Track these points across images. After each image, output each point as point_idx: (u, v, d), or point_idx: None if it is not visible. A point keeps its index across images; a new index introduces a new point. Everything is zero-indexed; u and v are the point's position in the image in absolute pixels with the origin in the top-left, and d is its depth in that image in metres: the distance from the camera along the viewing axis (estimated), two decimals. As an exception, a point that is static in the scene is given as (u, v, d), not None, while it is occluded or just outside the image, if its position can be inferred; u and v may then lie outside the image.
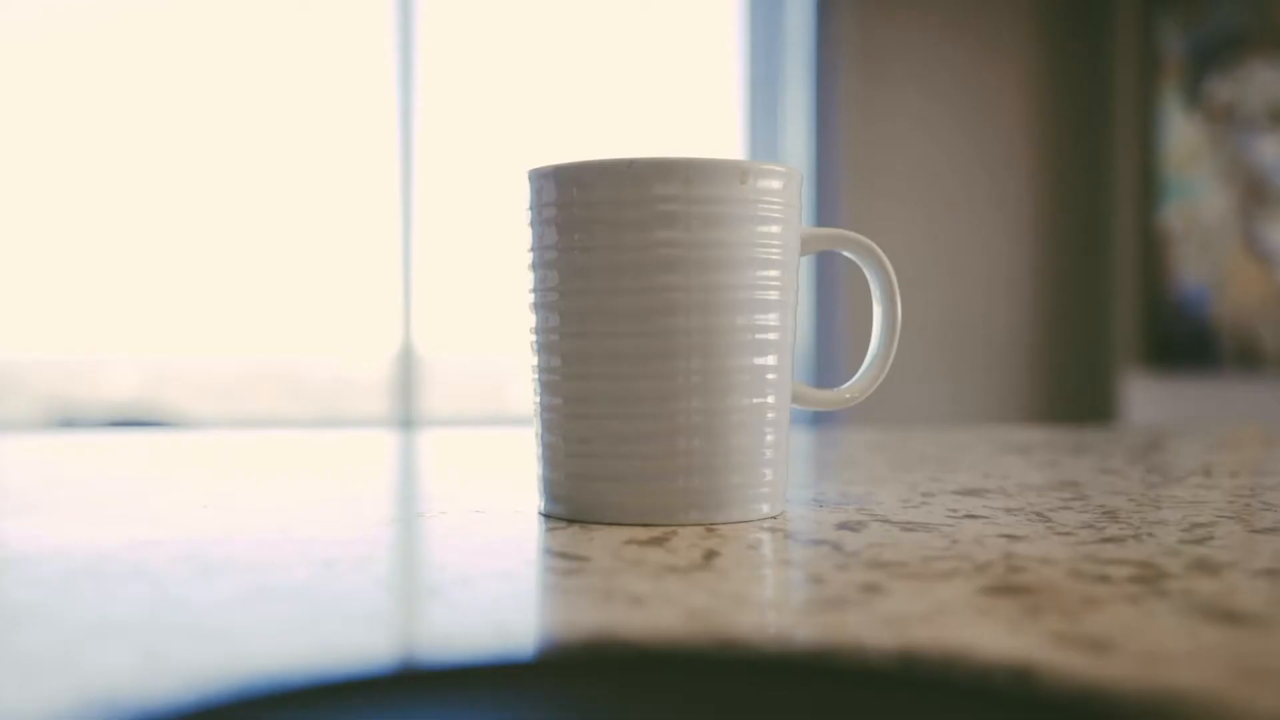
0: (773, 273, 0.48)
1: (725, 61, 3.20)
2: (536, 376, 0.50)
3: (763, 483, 0.49)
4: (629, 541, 0.43)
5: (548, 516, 0.49)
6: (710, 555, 0.41)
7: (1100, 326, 3.28)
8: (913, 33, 3.17)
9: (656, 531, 0.45)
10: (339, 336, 3.15)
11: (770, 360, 0.48)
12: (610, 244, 0.47)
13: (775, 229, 0.48)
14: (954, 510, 0.51)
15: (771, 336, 0.48)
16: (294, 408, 3.36)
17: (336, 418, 3.32)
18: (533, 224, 0.49)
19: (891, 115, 3.15)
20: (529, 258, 0.49)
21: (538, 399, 0.50)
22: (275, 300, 3.07)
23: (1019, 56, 3.26)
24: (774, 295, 0.48)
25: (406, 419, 3.04)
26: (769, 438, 0.49)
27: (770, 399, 0.49)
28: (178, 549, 0.42)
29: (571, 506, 0.48)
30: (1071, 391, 3.29)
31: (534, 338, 0.50)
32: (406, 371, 3.05)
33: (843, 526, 0.47)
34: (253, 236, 3.00)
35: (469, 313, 3.13)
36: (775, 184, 0.48)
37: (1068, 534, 0.45)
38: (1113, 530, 0.46)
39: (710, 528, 0.46)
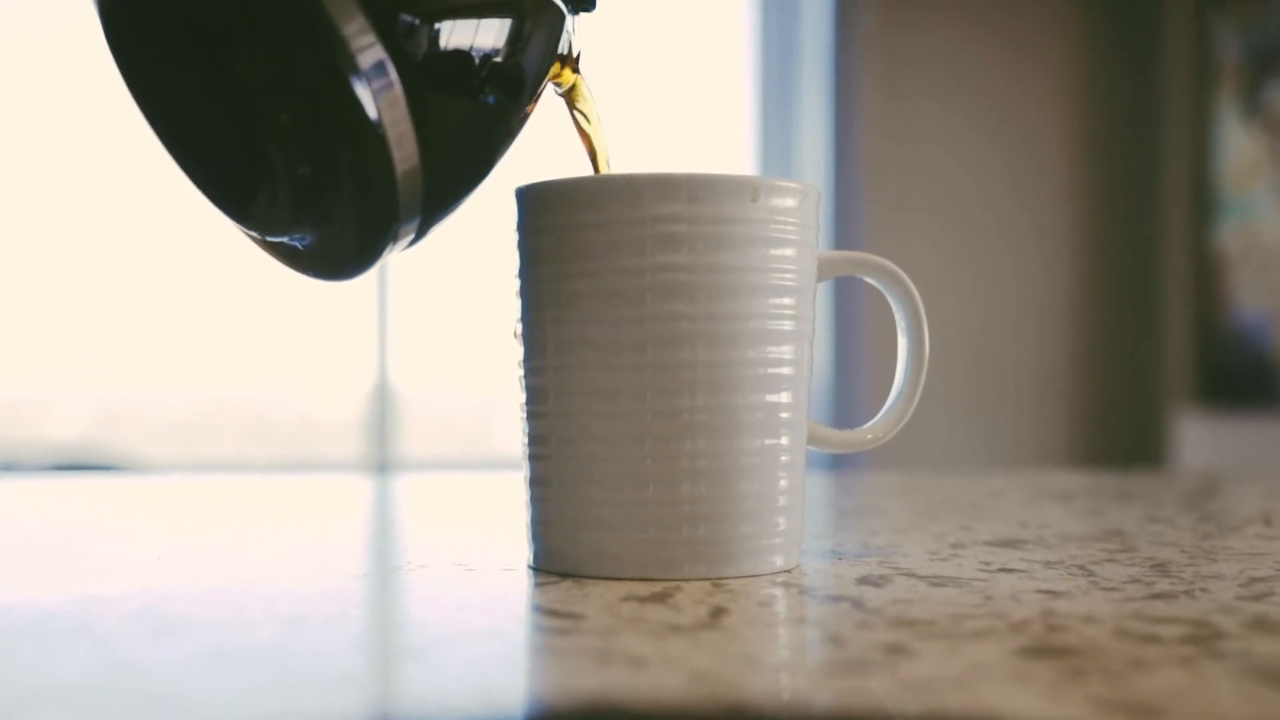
0: (787, 300, 0.48)
1: (735, 69, 3.22)
2: (525, 415, 0.50)
3: (776, 533, 0.49)
4: (628, 597, 0.43)
5: (538, 570, 0.49)
6: (718, 613, 0.41)
7: (1148, 359, 3.28)
8: (939, 38, 3.18)
9: (658, 586, 0.45)
10: (307, 371, 3.15)
11: (784, 397, 0.48)
12: (606, 268, 0.47)
13: (789, 252, 0.48)
14: (987, 563, 0.51)
15: (785, 371, 0.48)
16: (258, 450, 3.35)
17: (305, 461, 3.31)
18: (520, 246, 0.49)
19: (916, 128, 3.16)
20: (517, 284, 0.50)
21: (526, 440, 0.50)
22: (237, 331, 3.07)
23: (1057, 64, 3.27)
24: (788, 325, 0.48)
25: (382, 462, 3.04)
26: (783, 483, 0.49)
27: (784, 440, 0.49)
28: (129, 605, 0.42)
29: (564, 559, 0.48)
30: (1116, 431, 3.29)
31: (522, 372, 0.50)
32: (382, 410, 3.05)
33: (864, 581, 0.47)
34: (212, 261, 3.00)
35: (451, 345, 3.13)
36: (789, 202, 0.48)
37: (1113, 590, 0.45)
38: (1163, 585, 0.46)
39: (718, 582, 0.46)
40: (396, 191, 0.40)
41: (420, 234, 0.43)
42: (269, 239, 0.44)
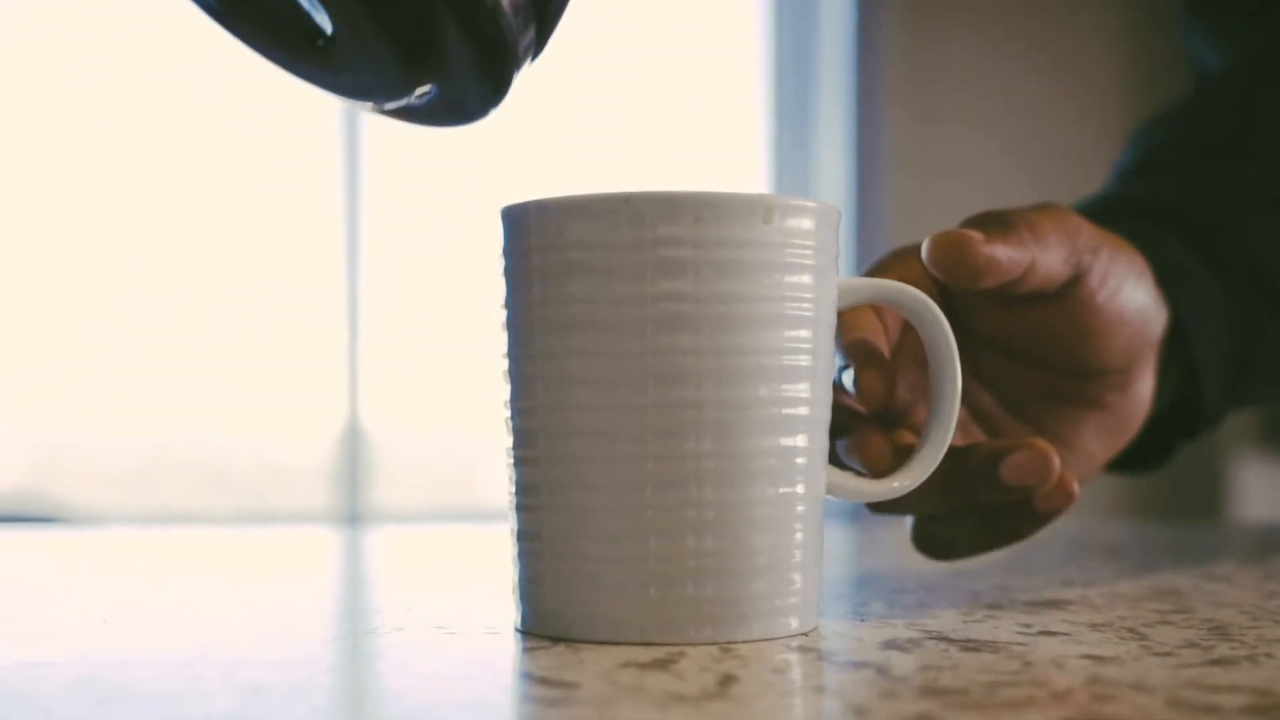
0: (803, 333, 0.48)
1: (746, 76, 3.22)
2: (512, 461, 0.50)
3: (790, 591, 0.49)
4: (626, 664, 0.43)
5: (526, 633, 0.49)
6: (726, 681, 0.41)
7: (1206, 399, 3.27)
8: (972, 47, 3.19)
9: (660, 651, 0.45)
10: (269, 412, 3.15)
11: (800, 441, 0.48)
12: (603, 297, 0.47)
13: (806, 279, 0.48)
14: (1026, 625, 0.51)
15: (801, 411, 0.48)
16: (214, 500, 3.35)
17: (267, 512, 3.31)
18: (507, 273, 0.49)
19: (945, 144, 3.17)
20: (503, 315, 0.50)
21: (514, 489, 0.50)
22: (191, 368, 3.07)
23: (1102, 82, 3.27)
24: (804, 361, 0.48)
25: (353, 513, 3.04)
26: (798, 536, 0.49)
27: (800, 489, 0.49)
28: (71, 673, 0.42)
29: (556, 621, 0.48)
30: (1170, 479, 3.27)
31: (509, 413, 0.50)
32: (353, 455, 3.05)
33: (889, 645, 0.47)
34: (162, 290, 3.00)
35: (429, 383, 3.13)
36: (806, 224, 0.48)
37: (1166, 655, 0.45)
38: (1222, 650, 0.46)
39: (726, 647, 0.46)
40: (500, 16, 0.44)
41: (539, 45, 0.47)
42: (387, 108, 0.48)
